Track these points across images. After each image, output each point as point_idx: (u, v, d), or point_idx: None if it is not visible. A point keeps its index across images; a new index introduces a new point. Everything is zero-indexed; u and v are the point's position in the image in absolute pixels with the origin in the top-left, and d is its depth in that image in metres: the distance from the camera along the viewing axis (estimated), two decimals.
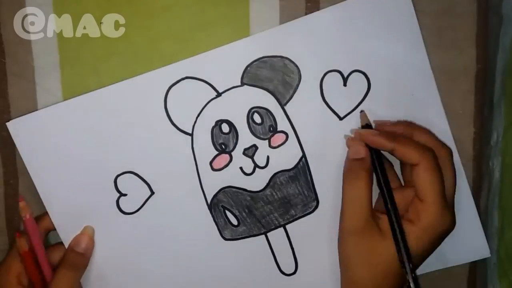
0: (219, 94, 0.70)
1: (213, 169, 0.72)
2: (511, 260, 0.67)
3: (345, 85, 0.70)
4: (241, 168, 0.72)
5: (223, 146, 0.71)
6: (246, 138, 0.71)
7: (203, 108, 0.71)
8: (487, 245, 0.73)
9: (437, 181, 0.63)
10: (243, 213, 0.73)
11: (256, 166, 0.72)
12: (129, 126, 0.71)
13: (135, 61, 0.71)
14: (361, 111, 0.70)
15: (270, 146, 0.71)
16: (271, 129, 0.71)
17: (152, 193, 0.72)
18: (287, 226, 0.73)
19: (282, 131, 0.71)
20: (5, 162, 0.73)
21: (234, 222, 0.73)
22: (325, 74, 0.70)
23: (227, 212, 0.73)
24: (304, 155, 0.71)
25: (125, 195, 0.72)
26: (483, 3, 0.70)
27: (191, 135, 0.71)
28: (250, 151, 0.71)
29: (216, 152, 0.72)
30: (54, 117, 0.70)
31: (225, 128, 0.71)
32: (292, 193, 0.72)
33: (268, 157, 0.71)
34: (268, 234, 0.74)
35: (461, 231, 0.72)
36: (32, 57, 0.70)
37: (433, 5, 0.69)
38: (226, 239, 0.74)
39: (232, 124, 0.71)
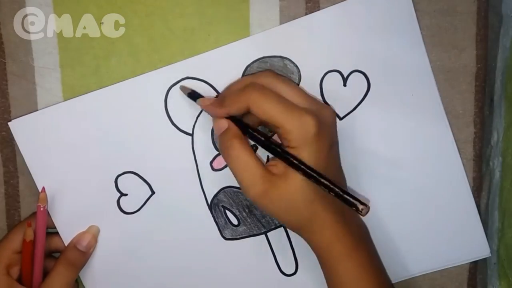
0: (219, 94, 0.70)
1: (213, 169, 0.72)
2: (511, 260, 0.67)
3: (345, 85, 0.70)
4: None
5: None
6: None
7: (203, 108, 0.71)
8: (488, 244, 0.73)
9: (266, 103, 0.62)
10: (243, 213, 0.73)
11: None
12: (130, 126, 0.71)
13: (135, 61, 0.70)
14: (180, 86, 0.70)
15: None
16: None
17: (153, 193, 0.73)
18: None
19: None
20: (5, 162, 0.73)
21: (235, 221, 0.73)
22: (325, 74, 0.70)
23: (227, 212, 0.73)
24: None
25: (126, 195, 0.72)
26: (483, 3, 0.70)
27: (192, 135, 0.71)
28: None
29: (216, 152, 0.72)
30: (55, 117, 0.70)
31: None
32: None
33: (268, 156, 0.71)
34: (268, 234, 0.74)
35: (461, 230, 0.73)
36: (32, 57, 0.70)
37: (433, 5, 0.69)
38: (226, 239, 0.74)
39: None
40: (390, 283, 0.70)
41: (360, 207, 0.59)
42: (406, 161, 0.72)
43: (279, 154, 0.63)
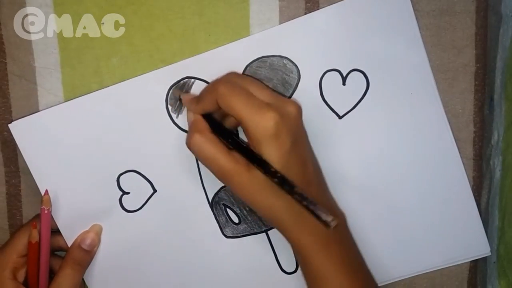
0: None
1: None
2: (511, 259, 0.67)
3: (344, 84, 0.70)
4: None
5: None
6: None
7: None
8: (488, 243, 0.73)
9: (231, 98, 0.62)
10: (244, 211, 0.73)
11: None
12: (131, 125, 0.71)
13: (136, 61, 0.71)
14: (174, 88, 0.71)
15: None
16: None
17: (155, 191, 0.73)
18: None
19: None
20: (6, 162, 0.74)
21: (235, 220, 0.74)
22: (324, 73, 0.70)
23: (228, 210, 0.73)
24: None
25: (128, 193, 0.73)
26: (482, 2, 0.69)
27: None
28: None
29: None
30: (56, 118, 0.71)
31: None
32: None
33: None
34: (269, 232, 0.74)
35: (461, 229, 0.73)
36: (33, 57, 0.71)
37: (432, 4, 0.69)
38: (227, 237, 0.74)
39: None
40: (370, 278, 0.70)
41: (322, 215, 0.58)
42: (405, 160, 0.72)
43: (244, 152, 0.63)
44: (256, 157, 0.62)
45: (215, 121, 0.66)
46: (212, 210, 0.73)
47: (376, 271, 0.71)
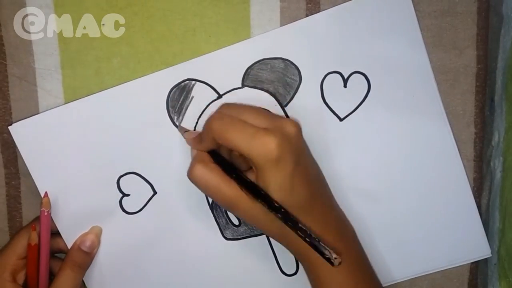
0: (220, 96, 0.70)
1: None
2: (511, 261, 0.67)
3: (345, 86, 0.70)
4: None
5: None
6: None
7: (204, 110, 0.71)
8: (488, 244, 0.73)
9: (226, 133, 0.62)
10: None
11: None
12: (132, 127, 0.71)
13: (136, 62, 0.71)
14: (179, 126, 0.71)
15: None
16: None
17: (155, 193, 0.73)
18: None
19: None
20: (6, 163, 0.73)
21: (235, 222, 0.73)
22: (325, 76, 0.70)
23: (228, 211, 0.73)
24: None
25: (128, 195, 0.73)
26: (483, 3, 0.69)
27: None
28: None
29: None
30: (56, 120, 0.70)
31: None
32: None
33: None
34: None
35: (462, 231, 0.73)
36: (33, 58, 0.70)
37: (433, 5, 0.69)
38: (227, 239, 0.74)
39: None
40: (379, 286, 0.71)
41: (326, 252, 0.60)
42: (406, 162, 0.72)
43: (249, 187, 0.63)
44: (260, 193, 0.62)
45: (220, 157, 0.66)
46: (212, 212, 0.73)
47: (376, 273, 0.71)
